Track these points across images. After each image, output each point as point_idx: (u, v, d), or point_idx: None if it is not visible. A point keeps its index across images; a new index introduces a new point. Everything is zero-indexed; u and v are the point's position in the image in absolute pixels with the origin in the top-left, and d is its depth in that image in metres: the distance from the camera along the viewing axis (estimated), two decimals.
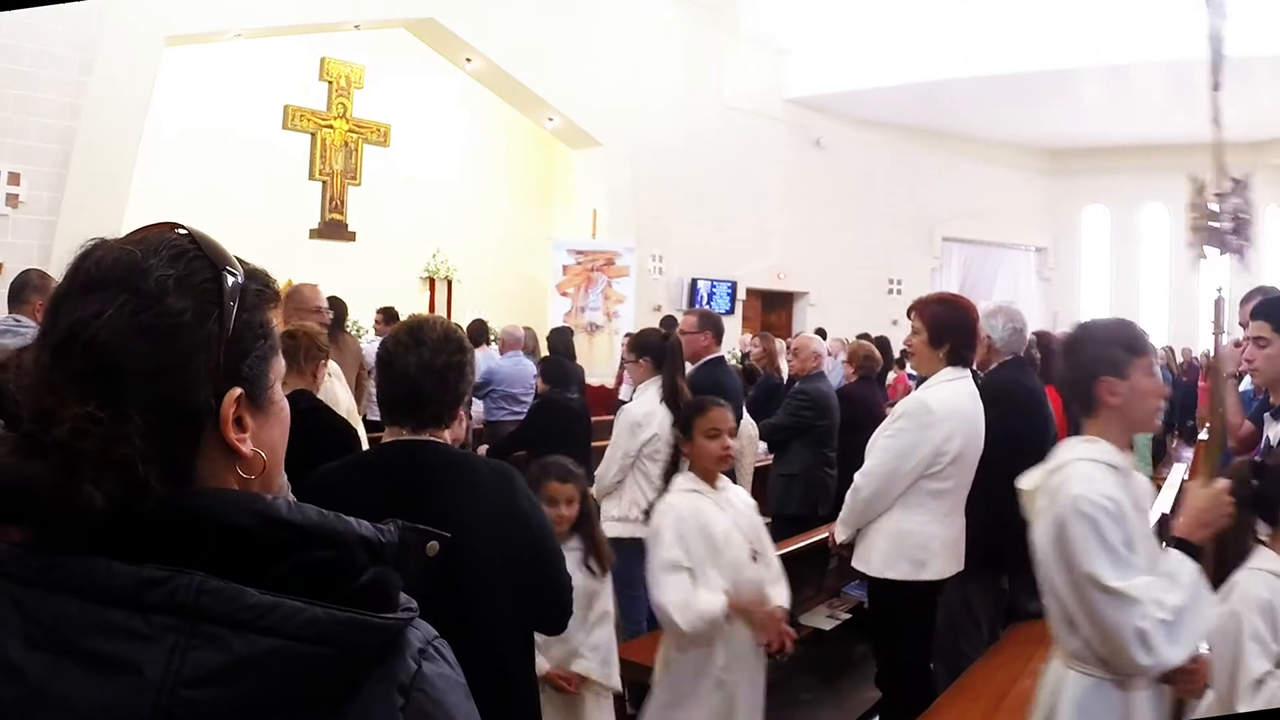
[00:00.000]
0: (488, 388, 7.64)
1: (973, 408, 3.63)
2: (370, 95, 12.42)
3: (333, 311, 5.34)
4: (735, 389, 5.16)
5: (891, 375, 9.91)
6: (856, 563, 3.72)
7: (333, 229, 12.12)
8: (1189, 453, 9.98)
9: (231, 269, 0.84)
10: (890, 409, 4.28)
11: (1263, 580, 2.27)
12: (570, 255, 12.93)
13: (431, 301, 12.84)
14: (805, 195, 15.46)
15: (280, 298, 0.93)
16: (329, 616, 0.74)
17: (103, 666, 0.71)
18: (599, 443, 5.45)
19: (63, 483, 0.72)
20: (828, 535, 4.05)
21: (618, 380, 10.07)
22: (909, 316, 3.77)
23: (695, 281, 14.23)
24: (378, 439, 2.71)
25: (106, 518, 0.74)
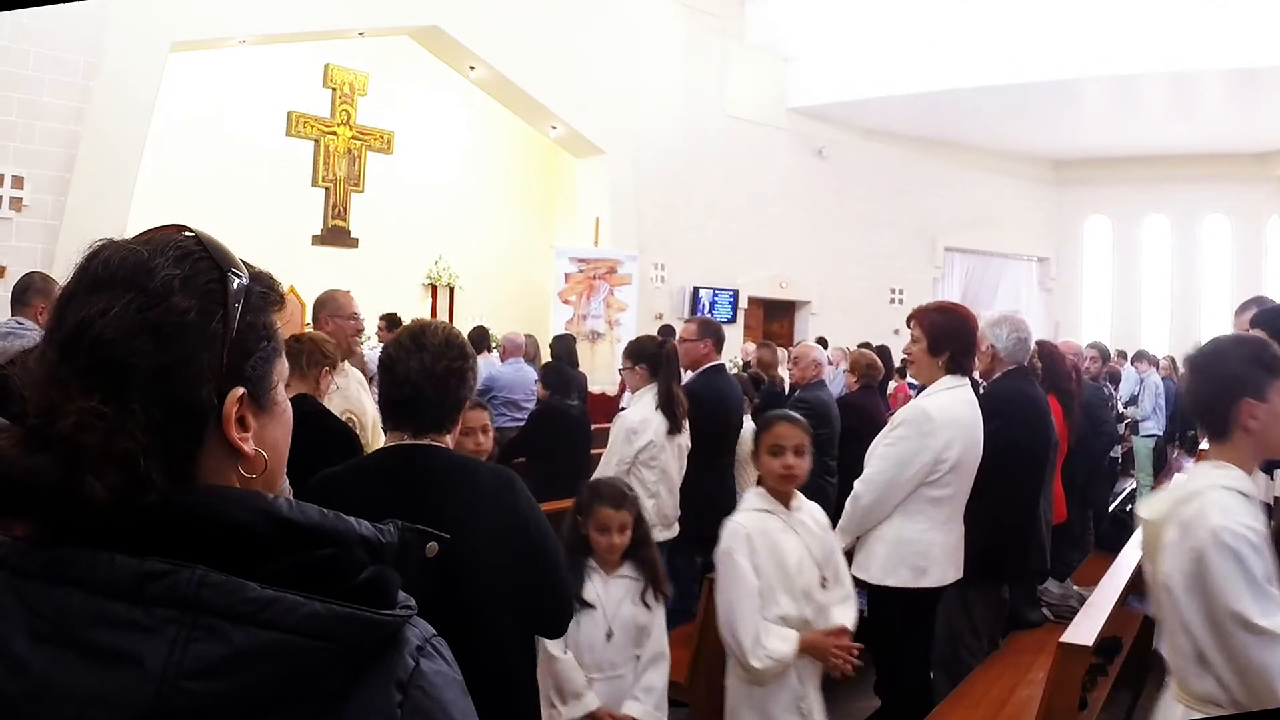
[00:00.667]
0: (489, 394, 7.65)
1: (971, 415, 3.63)
2: (374, 102, 12.44)
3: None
4: (735, 396, 5.17)
5: (892, 384, 9.92)
6: (856, 570, 3.70)
7: (335, 235, 12.12)
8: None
9: (236, 271, 0.85)
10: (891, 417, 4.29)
11: None
12: (572, 263, 12.94)
13: (434, 308, 12.83)
14: (807, 204, 15.48)
15: (284, 301, 0.94)
16: (329, 611, 0.75)
17: (105, 658, 0.72)
18: (598, 450, 5.47)
19: (65, 475, 0.74)
20: None
21: (620, 388, 10.06)
22: (908, 325, 3.78)
23: (697, 290, 14.23)
24: None
25: (109, 512, 0.75)
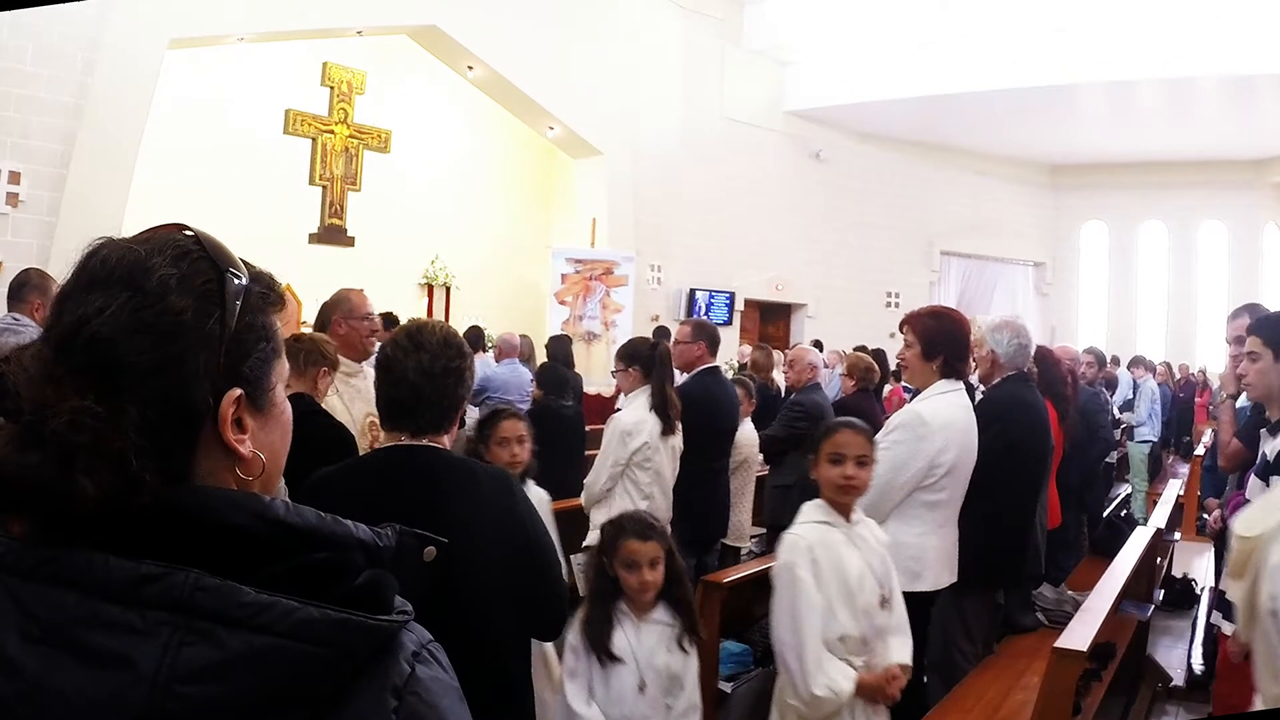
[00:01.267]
0: (483, 395, 7.63)
1: (966, 420, 3.63)
2: (371, 101, 12.41)
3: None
4: (727, 399, 5.16)
5: (887, 388, 9.91)
6: None
7: (332, 234, 12.10)
8: (1185, 469, 9.99)
9: (235, 271, 0.84)
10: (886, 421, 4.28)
11: None
12: (569, 264, 12.94)
13: (430, 308, 12.81)
14: (804, 207, 15.50)
15: (285, 302, 0.94)
16: (323, 617, 0.74)
17: (98, 661, 0.71)
18: (593, 451, 5.45)
19: (57, 474, 0.73)
20: None
21: (617, 389, 10.05)
22: (901, 330, 3.77)
23: (694, 292, 14.24)
24: None
25: (101, 511, 0.74)
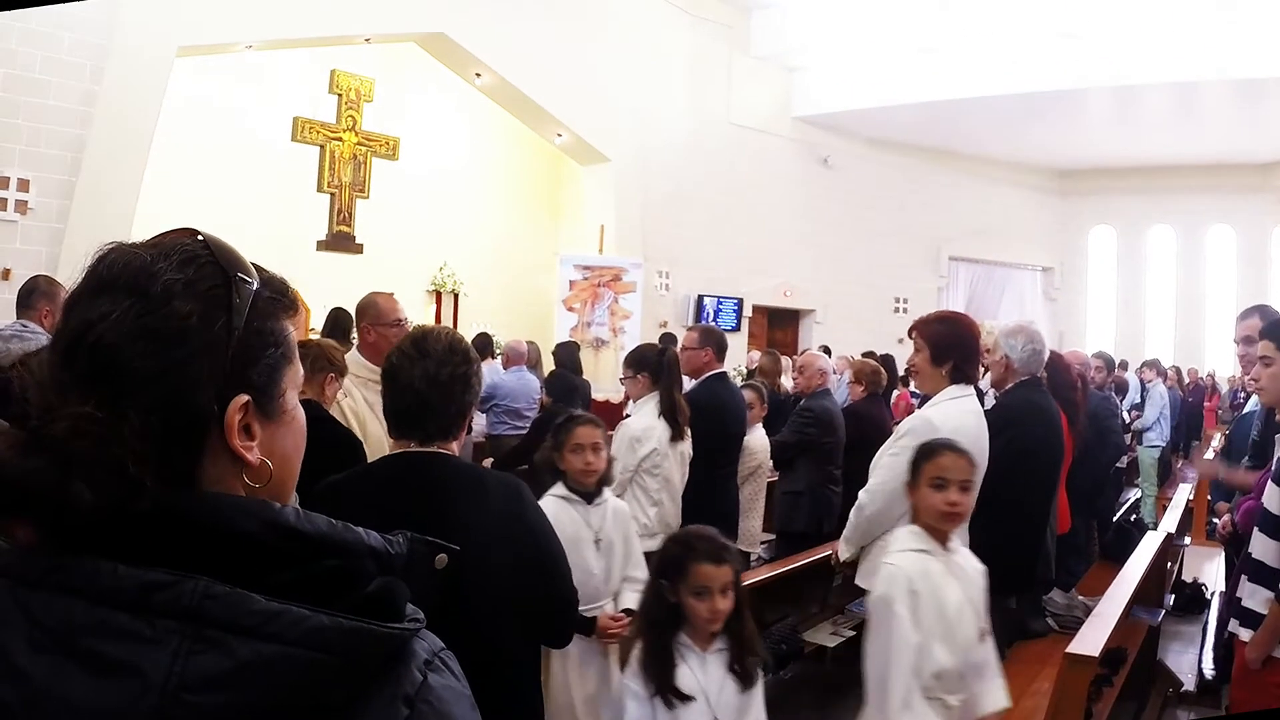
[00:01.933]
0: (490, 402, 7.63)
1: (976, 425, 3.60)
2: (380, 108, 12.45)
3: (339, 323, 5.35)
4: (735, 405, 5.14)
5: (895, 394, 9.89)
6: (860, 580, 3.69)
7: (340, 241, 12.13)
8: (1194, 473, 9.93)
9: (245, 275, 0.83)
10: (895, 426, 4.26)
11: None
12: (577, 270, 12.94)
13: (438, 314, 12.83)
14: (812, 213, 15.48)
15: (297, 307, 0.92)
16: (334, 625, 0.73)
17: (105, 669, 0.71)
18: None
19: (57, 480, 0.73)
20: (832, 553, 4.03)
21: (625, 396, 10.04)
22: (910, 336, 3.75)
23: (702, 298, 14.23)
24: None
25: (102, 517, 0.74)
